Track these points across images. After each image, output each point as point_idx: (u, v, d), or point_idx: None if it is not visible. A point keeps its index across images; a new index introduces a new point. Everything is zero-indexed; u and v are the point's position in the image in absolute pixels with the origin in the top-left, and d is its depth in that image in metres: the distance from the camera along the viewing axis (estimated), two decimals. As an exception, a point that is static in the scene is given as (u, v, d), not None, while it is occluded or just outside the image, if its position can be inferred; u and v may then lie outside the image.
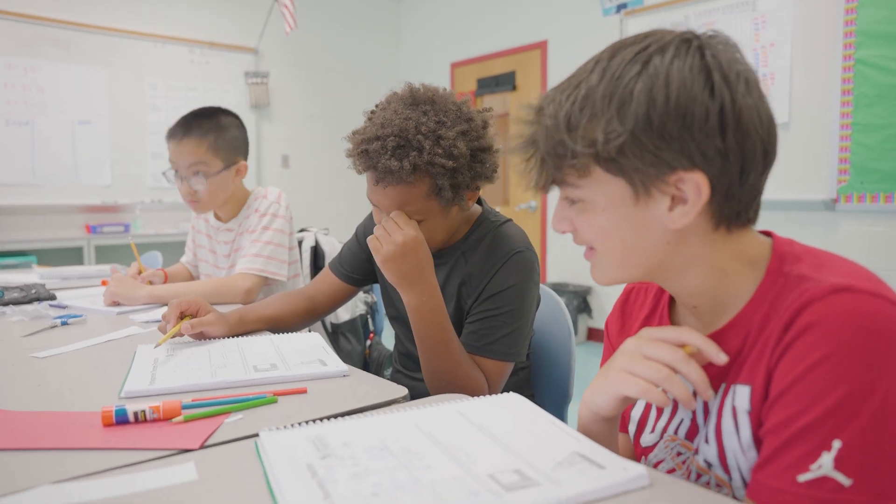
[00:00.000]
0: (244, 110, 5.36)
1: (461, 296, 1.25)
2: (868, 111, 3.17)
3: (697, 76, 0.63)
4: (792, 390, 0.60)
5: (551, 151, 0.67)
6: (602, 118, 0.64)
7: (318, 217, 5.41)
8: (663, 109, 0.62)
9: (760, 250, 0.71)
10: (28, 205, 4.44)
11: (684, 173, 0.64)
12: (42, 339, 1.31)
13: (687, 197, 0.65)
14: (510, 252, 1.20)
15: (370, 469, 0.63)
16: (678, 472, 0.77)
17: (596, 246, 0.72)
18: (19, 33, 4.37)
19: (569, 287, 4.62)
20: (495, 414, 0.77)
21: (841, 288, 0.61)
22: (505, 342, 1.17)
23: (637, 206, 0.67)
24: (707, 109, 0.62)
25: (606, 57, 0.67)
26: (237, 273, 1.77)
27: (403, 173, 1.07)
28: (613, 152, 0.64)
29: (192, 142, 1.76)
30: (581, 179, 0.68)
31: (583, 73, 0.67)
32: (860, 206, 3.24)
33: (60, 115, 4.55)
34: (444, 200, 1.12)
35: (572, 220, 0.72)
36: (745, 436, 0.67)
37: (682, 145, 0.63)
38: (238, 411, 0.85)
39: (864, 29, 3.15)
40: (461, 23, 5.64)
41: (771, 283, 0.68)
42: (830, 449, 0.57)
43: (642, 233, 0.68)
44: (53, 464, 0.69)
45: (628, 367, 0.68)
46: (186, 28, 5.09)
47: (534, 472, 0.61)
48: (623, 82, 0.64)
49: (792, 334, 0.62)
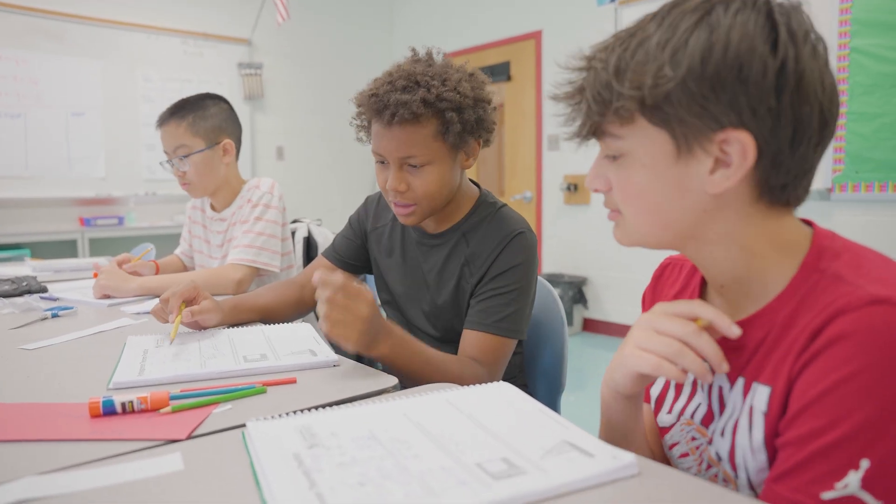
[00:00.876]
0: (238, 102, 5.33)
1: (463, 275, 1.27)
2: (863, 100, 3.17)
3: (761, 30, 0.60)
4: (818, 403, 0.57)
5: (597, 96, 0.64)
6: (653, 63, 0.61)
7: (313, 208, 5.40)
8: (719, 58, 0.59)
9: (798, 238, 0.67)
10: (21, 198, 4.41)
11: (732, 132, 0.61)
12: (32, 331, 1.30)
13: (731, 160, 0.62)
14: (513, 232, 1.23)
15: (357, 458, 0.62)
16: (691, 456, 0.76)
17: (625, 208, 0.70)
18: (12, 25, 4.34)
19: (564, 277, 4.61)
20: (485, 403, 0.77)
21: (879, 300, 0.57)
22: (511, 319, 1.19)
23: (678, 163, 0.64)
24: (766, 64, 0.59)
25: (666, 9, 0.65)
26: (228, 264, 1.76)
27: (413, 105, 1.12)
28: (660, 98, 0.61)
29: (171, 127, 1.80)
30: (623, 128, 0.65)
31: (639, 25, 0.65)
32: (855, 195, 3.24)
33: (54, 107, 4.52)
34: (451, 140, 1.16)
35: (608, 178, 0.70)
36: (757, 437, 0.64)
37: (732, 99, 0.60)
38: (227, 402, 0.84)
39: (860, 17, 3.14)
40: (455, 13, 5.61)
41: (804, 278, 0.64)
42: (858, 468, 0.54)
43: (679, 194, 0.65)
44: (40, 455, 0.69)
45: (642, 343, 0.67)
46: (180, 19, 5.05)
47: (522, 460, 0.61)
48: (680, 30, 0.61)
49: (821, 342, 0.58)
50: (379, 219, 1.45)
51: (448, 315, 1.30)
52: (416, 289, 1.35)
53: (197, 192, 1.88)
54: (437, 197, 1.22)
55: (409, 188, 1.20)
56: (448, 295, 1.28)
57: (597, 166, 0.72)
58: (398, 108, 1.12)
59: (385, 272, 1.41)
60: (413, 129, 1.15)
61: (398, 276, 1.38)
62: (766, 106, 0.60)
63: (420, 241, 1.35)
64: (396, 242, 1.39)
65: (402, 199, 1.22)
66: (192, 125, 1.79)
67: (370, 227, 1.45)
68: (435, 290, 1.31)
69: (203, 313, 1.23)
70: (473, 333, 1.20)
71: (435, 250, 1.32)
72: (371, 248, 1.45)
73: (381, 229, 1.43)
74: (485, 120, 1.21)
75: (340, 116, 1.73)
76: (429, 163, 1.18)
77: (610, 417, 0.75)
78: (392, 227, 1.41)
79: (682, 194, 0.65)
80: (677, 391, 0.80)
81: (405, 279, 1.37)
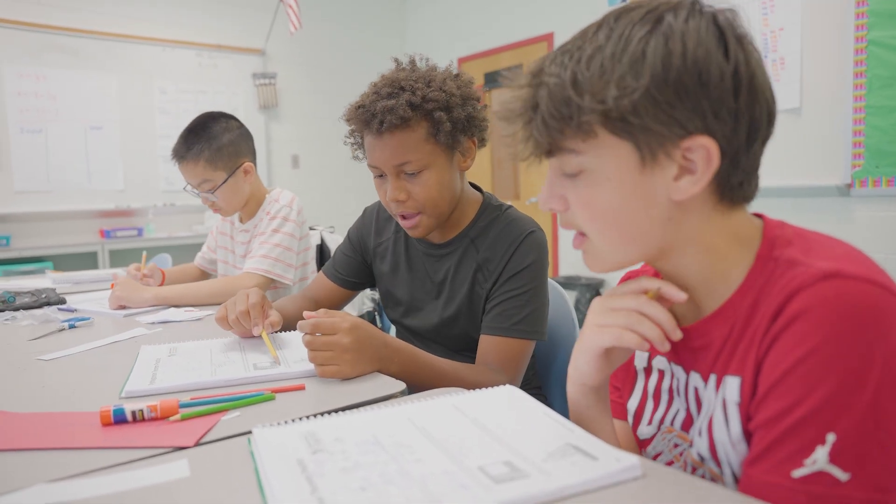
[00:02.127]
0: (253, 111, 5.39)
1: (476, 281, 1.26)
2: (882, 93, 3.11)
3: (712, 35, 0.61)
4: (782, 383, 0.58)
5: (555, 112, 0.62)
6: (614, 74, 0.60)
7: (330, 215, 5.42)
8: (680, 65, 0.60)
9: (752, 232, 0.69)
10: (43, 211, 4.50)
11: (696, 138, 0.61)
12: (49, 342, 1.32)
13: (696, 166, 0.62)
14: (523, 233, 1.23)
15: (360, 463, 0.62)
16: (676, 464, 0.76)
17: (589, 227, 0.68)
18: (30, 43, 4.43)
19: (581, 280, 4.59)
20: (490, 407, 0.77)
21: (830, 274, 0.58)
22: (529, 321, 1.19)
23: (643, 174, 0.63)
24: (721, 68, 0.60)
25: (611, 19, 0.64)
26: (244, 273, 1.78)
27: (400, 109, 1.11)
28: (627, 109, 0.60)
29: (189, 165, 1.79)
30: (584, 143, 0.63)
31: (584, 37, 0.64)
32: (876, 190, 3.18)
33: (72, 121, 4.60)
34: (443, 140, 1.16)
35: (565, 196, 0.68)
36: (735, 429, 0.65)
37: (695, 104, 0.60)
38: (235, 409, 0.85)
39: (877, 9, 3.09)
40: (467, 17, 5.62)
41: (760, 269, 0.65)
42: (825, 443, 0.55)
43: (645, 205, 0.64)
44: (51, 463, 0.70)
45: (599, 321, 0.70)
46: (193, 31, 5.12)
47: (524, 463, 0.61)
48: (634, 40, 0.61)
49: (780, 324, 0.60)
50: (381, 233, 1.42)
51: (462, 323, 1.28)
52: (427, 301, 1.33)
53: (228, 213, 1.92)
54: (440, 202, 1.21)
55: (410, 196, 1.19)
56: (461, 303, 1.27)
57: (551, 185, 0.70)
58: (385, 114, 1.12)
59: (392, 287, 1.39)
60: (403, 134, 1.15)
61: (406, 290, 1.36)
62: (727, 108, 0.61)
63: (427, 251, 1.33)
64: (401, 256, 1.37)
65: (405, 210, 1.21)
66: (210, 160, 1.78)
67: (373, 243, 1.43)
68: (447, 299, 1.29)
69: (276, 325, 1.19)
70: (491, 339, 1.19)
71: (444, 259, 1.30)
72: (375, 265, 1.43)
73: (385, 244, 1.41)
74: (475, 117, 1.21)
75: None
76: (425, 167, 1.17)
77: (579, 415, 0.76)
78: (395, 241, 1.39)
79: (648, 205, 0.65)
80: (655, 402, 0.80)
81: (414, 292, 1.35)
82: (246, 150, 1.88)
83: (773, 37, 3.52)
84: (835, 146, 3.30)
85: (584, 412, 0.76)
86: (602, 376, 0.74)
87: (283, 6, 4.66)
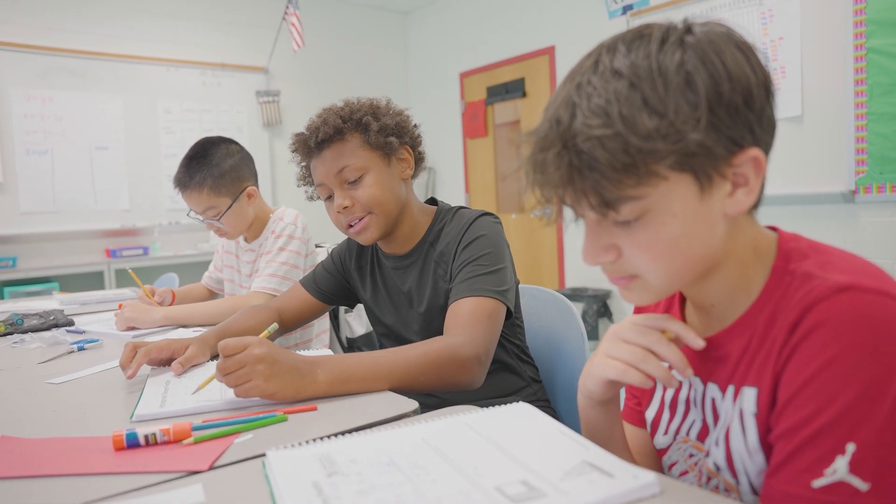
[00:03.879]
0: (257, 129, 5.42)
1: (437, 275, 1.31)
2: (883, 100, 3.12)
3: (736, 50, 0.61)
4: (801, 394, 0.59)
5: (617, 165, 0.57)
6: (668, 109, 0.56)
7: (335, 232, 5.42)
8: (727, 85, 0.58)
9: (768, 244, 0.69)
10: (49, 232, 4.52)
11: (747, 151, 0.61)
12: (59, 364, 1.32)
13: (747, 178, 0.62)
14: (472, 217, 1.29)
15: (376, 485, 0.62)
16: (691, 473, 0.76)
17: (650, 267, 0.64)
18: (37, 65, 4.47)
19: (588, 291, 4.58)
20: (504, 425, 0.76)
21: (846, 287, 0.59)
22: (489, 280, 1.19)
23: (703, 200, 0.61)
24: (754, 77, 0.60)
25: (616, 57, 0.60)
26: (251, 292, 1.78)
27: (331, 121, 1.24)
28: (698, 142, 0.57)
29: (194, 194, 1.80)
30: (646, 188, 0.59)
31: (601, 76, 0.59)
32: (880, 196, 3.18)
33: (78, 142, 4.63)
34: (374, 141, 1.25)
35: (616, 245, 0.64)
36: (752, 439, 0.65)
37: (744, 119, 0.60)
38: (248, 431, 0.85)
39: (875, 17, 3.11)
40: (468, 33, 5.66)
41: (777, 281, 0.66)
42: (845, 453, 0.55)
43: (707, 228, 0.63)
44: (66, 490, 0.70)
45: (609, 351, 0.70)
46: (197, 51, 5.17)
47: (541, 482, 0.60)
48: (671, 68, 0.58)
49: (798, 336, 0.60)
50: (361, 258, 1.48)
51: (437, 319, 1.29)
52: (404, 313, 1.38)
53: (233, 237, 1.93)
54: (385, 201, 1.27)
55: (355, 201, 1.27)
56: (429, 300, 1.32)
57: (597, 238, 0.65)
58: (319, 130, 1.25)
59: (375, 308, 1.44)
60: (339, 145, 1.26)
61: (388, 309, 1.42)
62: (765, 117, 0.62)
63: (394, 266, 1.39)
64: (378, 278, 1.43)
65: (352, 216, 1.28)
66: (213, 187, 1.79)
67: (353, 267, 1.48)
68: (418, 303, 1.34)
69: (192, 361, 1.18)
70: (453, 304, 1.18)
71: (410, 269, 1.36)
72: (356, 289, 1.49)
73: (363, 269, 1.47)
74: (405, 127, 1.31)
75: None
76: (364, 171, 1.26)
77: (588, 422, 0.78)
78: (371, 265, 1.45)
79: (710, 227, 0.63)
80: (672, 412, 0.80)
81: (393, 309, 1.40)
82: (248, 174, 1.88)
83: (773, 46, 3.53)
84: (838, 153, 3.31)
85: (592, 422, 0.78)
86: (609, 396, 0.74)
87: (286, 24, 4.70)
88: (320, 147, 1.26)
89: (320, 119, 1.27)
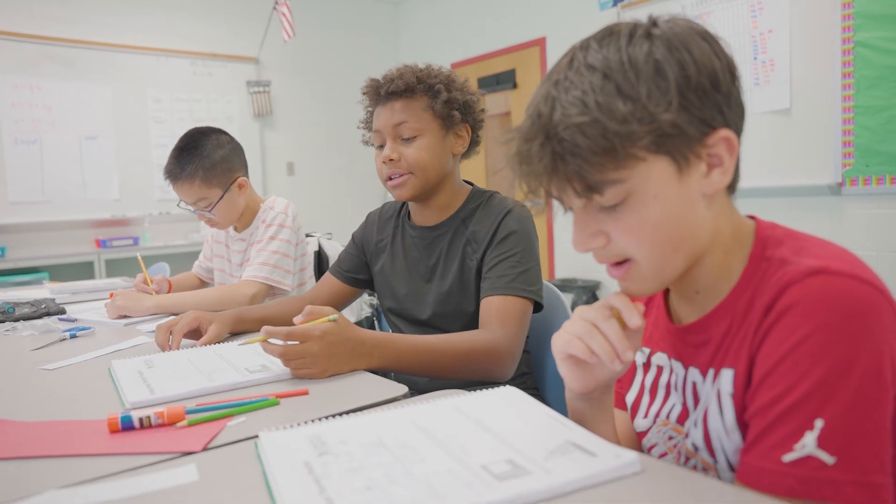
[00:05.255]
0: (247, 119, 5.41)
1: (466, 254, 1.35)
2: (869, 93, 3.15)
3: (700, 39, 0.65)
4: (774, 372, 0.62)
5: (596, 149, 0.61)
6: (641, 94, 0.61)
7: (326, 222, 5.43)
8: (694, 70, 0.63)
9: (746, 231, 0.72)
10: (38, 222, 4.49)
11: (718, 132, 0.64)
12: (51, 352, 1.33)
13: (721, 159, 0.66)
14: (508, 206, 1.34)
15: (365, 464, 0.64)
16: (670, 455, 0.78)
17: (638, 250, 0.67)
18: (24, 53, 4.43)
19: (577, 282, 4.61)
20: (491, 407, 0.78)
21: (817, 270, 0.62)
22: (524, 279, 1.25)
23: (680, 180, 0.65)
24: (720, 65, 0.65)
25: (593, 45, 0.65)
26: (243, 280, 1.79)
27: (407, 76, 1.30)
28: (670, 122, 0.61)
29: (185, 185, 1.80)
30: (627, 170, 0.63)
31: (569, 69, 0.64)
32: (866, 188, 3.22)
33: (67, 131, 4.60)
34: (439, 110, 1.31)
35: (604, 230, 0.68)
36: (729, 419, 0.68)
37: (713, 101, 0.64)
38: (241, 414, 0.86)
39: (862, 11, 3.13)
40: (460, 23, 5.65)
41: (755, 268, 0.69)
42: (813, 428, 0.58)
43: (688, 208, 0.66)
44: (61, 470, 0.71)
45: (566, 326, 0.73)
46: (187, 40, 5.13)
47: (526, 461, 0.62)
48: (640, 58, 0.62)
49: (772, 317, 0.63)
50: (382, 231, 1.52)
51: (456, 298, 1.35)
52: (421, 285, 1.41)
53: (224, 227, 1.93)
54: (429, 167, 1.32)
55: (402, 157, 1.32)
56: (454, 277, 1.35)
57: (584, 224, 0.69)
58: (392, 82, 1.30)
59: (391, 277, 1.46)
60: (406, 101, 1.31)
61: (403, 280, 1.44)
62: (733, 99, 0.66)
63: (421, 236, 1.42)
64: (399, 248, 1.46)
65: (394, 169, 1.33)
66: (204, 179, 1.79)
67: (374, 240, 1.52)
68: (441, 277, 1.37)
69: (214, 339, 1.29)
70: (489, 300, 1.25)
71: (437, 241, 1.40)
72: (371, 262, 1.52)
73: (384, 240, 1.50)
74: (472, 107, 1.36)
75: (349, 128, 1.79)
76: (419, 134, 1.32)
77: (573, 413, 0.80)
78: (393, 236, 1.48)
79: (690, 207, 0.67)
80: (652, 396, 0.83)
81: (410, 280, 1.43)
82: (239, 164, 1.89)
83: (762, 39, 3.55)
84: (825, 146, 3.34)
85: (576, 415, 0.79)
86: (581, 383, 0.75)
87: (277, 14, 4.68)
88: (389, 97, 1.32)
89: (398, 73, 1.32)
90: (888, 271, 3.06)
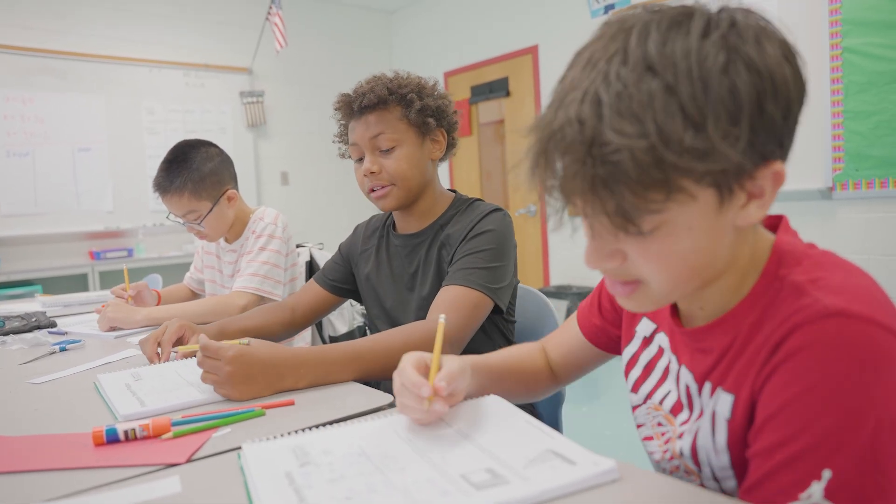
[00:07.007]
0: (241, 130, 5.42)
1: (441, 258, 1.34)
2: (859, 98, 3.18)
3: (782, 57, 0.57)
4: (781, 414, 0.58)
5: (644, 181, 0.53)
6: (709, 117, 0.52)
7: (319, 232, 5.44)
8: (770, 98, 0.54)
9: (764, 248, 0.67)
10: (31, 234, 4.49)
11: (773, 164, 0.57)
12: (40, 365, 1.33)
13: (763, 189, 0.58)
14: (487, 210, 1.33)
15: (346, 474, 0.64)
16: (655, 441, 0.77)
17: (657, 277, 0.61)
18: (18, 66, 4.44)
19: (572, 289, 4.62)
20: (473, 416, 0.79)
21: (835, 312, 0.57)
22: (486, 275, 1.23)
23: (720, 212, 0.58)
24: (795, 92, 0.58)
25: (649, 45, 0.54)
26: (233, 291, 1.79)
27: (378, 89, 1.30)
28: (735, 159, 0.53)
29: (174, 198, 1.80)
30: (668, 202, 0.55)
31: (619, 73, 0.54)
32: (856, 192, 3.24)
33: (60, 143, 4.60)
34: (414, 118, 1.31)
35: (622, 250, 0.61)
36: (721, 441, 0.66)
37: (779, 133, 0.57)
38: (227, 425, 0.86)
39: (850, 17, 3.17)
40: (453, 32, 5.68)
41: (766, 286, 0.64)
42: (820, 479, 0.55)
43: (717, 240, 0.60)
44: (45, 484, 0.71)
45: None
46: (180, 52, 5.15)
47: (505, 470, 0.63)
48: (712, 71, 0.53)
49: (781, 356, 0.59)
50: (367, 241, 1.52)
51: None
52: (405, 293, 1.41)
53: (213, 239, 1.93)
54: (410, 177, 1.33)
55: (383, 169, 1.33)
56: (432, 282, 1.34)
57: (602, 242, 0.61)
58: (364, 96, 1.30)
59: (377, 287, 1.46)
60: (380, 112, 1.31)
61: (388, 289, 1.44)
62: (795, 129, 0.60)
63: (403, 244, 1.42)
64: (383, 258, 1.47)
65: (376, 182, 1.33)
66: (194, 191, 1.79)
67: (359, 249, 1.52)
68: (420, 284, 1.37)
69: (193, 352, 1.22)
70: (444, 289, 1.23)
71: (417, 248, 1.40)
72: (358, 273, 1.52)
73: (369, 251, 1.50)
74: (445, 111, 1.37)
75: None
76: (397, 144, 1.32)
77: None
78: (378, 246, 1.49)
79: (720, 238, 0.61)
80: (646, 372, 0.81)
81: (395, 289, 1.43)
82: (228, 176, 1.89)
83: (751, 45, 3.58)
84: (815, 151, 3.36)
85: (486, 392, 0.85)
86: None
87: (269, 24, 4.70)
88: (363, 111, 1.32)
89: (368, 86, 1.33)
90: (879, 275, 3.07)
